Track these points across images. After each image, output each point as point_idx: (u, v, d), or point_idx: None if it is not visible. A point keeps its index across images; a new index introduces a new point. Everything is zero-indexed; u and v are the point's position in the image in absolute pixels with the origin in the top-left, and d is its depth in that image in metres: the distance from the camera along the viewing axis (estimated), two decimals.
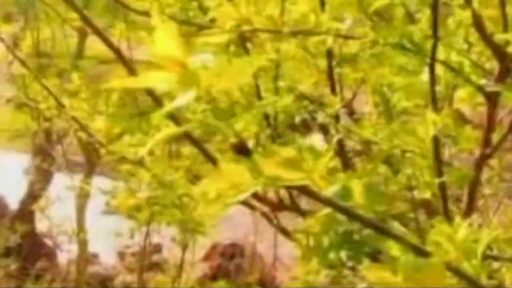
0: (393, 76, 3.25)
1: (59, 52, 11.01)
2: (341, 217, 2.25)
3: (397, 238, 1.42)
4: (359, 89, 4.15)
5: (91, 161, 9.70)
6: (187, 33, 3.11)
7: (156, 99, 2.19)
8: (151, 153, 3.94)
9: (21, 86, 11.26)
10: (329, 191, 1.28)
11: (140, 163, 3.71)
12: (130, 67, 2.17)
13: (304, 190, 1.29)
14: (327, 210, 1.48)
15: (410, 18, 3.03)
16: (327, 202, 1.30)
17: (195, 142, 2.38)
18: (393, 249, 1.47)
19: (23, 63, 4.29)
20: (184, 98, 1.20)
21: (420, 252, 1.46)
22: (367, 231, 2.72)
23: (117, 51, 2.25)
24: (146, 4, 4.22)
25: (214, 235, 7.27)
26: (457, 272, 1.43)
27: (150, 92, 2.33)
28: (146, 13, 4.18)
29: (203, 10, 3.86)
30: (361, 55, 3.53)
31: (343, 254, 2.66)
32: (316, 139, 1.29)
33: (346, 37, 2.65)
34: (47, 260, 10.90)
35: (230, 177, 1.22)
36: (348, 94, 3.84)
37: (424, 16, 2.71)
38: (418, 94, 3.15)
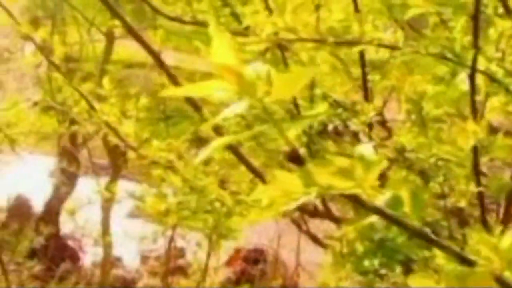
0: (425, 84, 3.26)
1: (85, 56, 11.09)
2: (378, 225, 2.26)
3: (443, 247, 1.43)
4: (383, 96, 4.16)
5: (117, 164, 9.76)
6: None
7: (196, 107, 2.22)
8: (180, 157, 3.96)
9: (48, 90, 11.37)
10: (380, 200, 1.29)
11: (171, 168, 3.74)
12: (170, 73, 2.20)
13: (354, 199, 1.31)
14: (371, 218, 1.49)
15: (444, 26, 3.04)
16: (376, 211, 1.32)
17: (233, 150, 2.41)
18: (439, 257, 1.49)
19: (56, 67, 4.33)
20: (238, 107, 1.23)
21: (463, 261, 1.47)
22: (401, 239, 2.73)
23: (157, 58, 2.28)
24: (178, 10, 4.25)
25: (238, 240, 7.30)
26: (502, 281, 1.44)
27: (188, 99, 2.36)
28: (178, 19, 4.22)
29: (236, 16, 3.90)
30: (391, 62, 3.55)
31: (376, 261, 2.67)
32: (365, 148, 1.30)
33: (388, 47, 2.66)
34: (71, 262, 10.98)
35: (282, 185, 1.24)
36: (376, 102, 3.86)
37: (459, 24, 2.72)
38: (449, 102, 3.16)
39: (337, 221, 3.01)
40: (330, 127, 3.05)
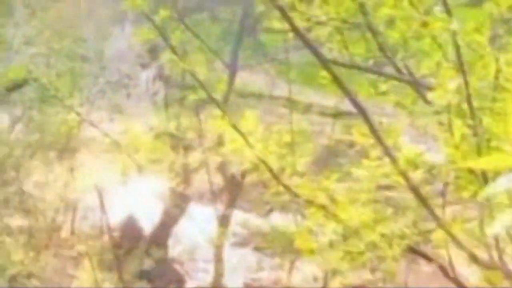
0: None
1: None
2: None
3: None
4: None
5: (233, 193, 9.90)
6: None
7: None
8: (332, 198, 4.03)
9: (164, 116, 11.66)
10: None
11: (324, 207, 3.82)
12: (371, 123, 2.28)
13: None
14: None
15: None
16: None
17: (419, 195, 2.46)
18: None
19: (217, 103, 4.48)
20: None
21: None
22: None
23: (359, 107, 2.36)
24: (334, 52, 4.34)
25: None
26: None
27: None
28: (334, 61, 4.30)
29: (390, 59, 3.96)
30: None
31: None
32: None
33: None
34: (177, 286, 11.17)
35: None
36: None
37: None
38: None
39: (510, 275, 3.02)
40: None
